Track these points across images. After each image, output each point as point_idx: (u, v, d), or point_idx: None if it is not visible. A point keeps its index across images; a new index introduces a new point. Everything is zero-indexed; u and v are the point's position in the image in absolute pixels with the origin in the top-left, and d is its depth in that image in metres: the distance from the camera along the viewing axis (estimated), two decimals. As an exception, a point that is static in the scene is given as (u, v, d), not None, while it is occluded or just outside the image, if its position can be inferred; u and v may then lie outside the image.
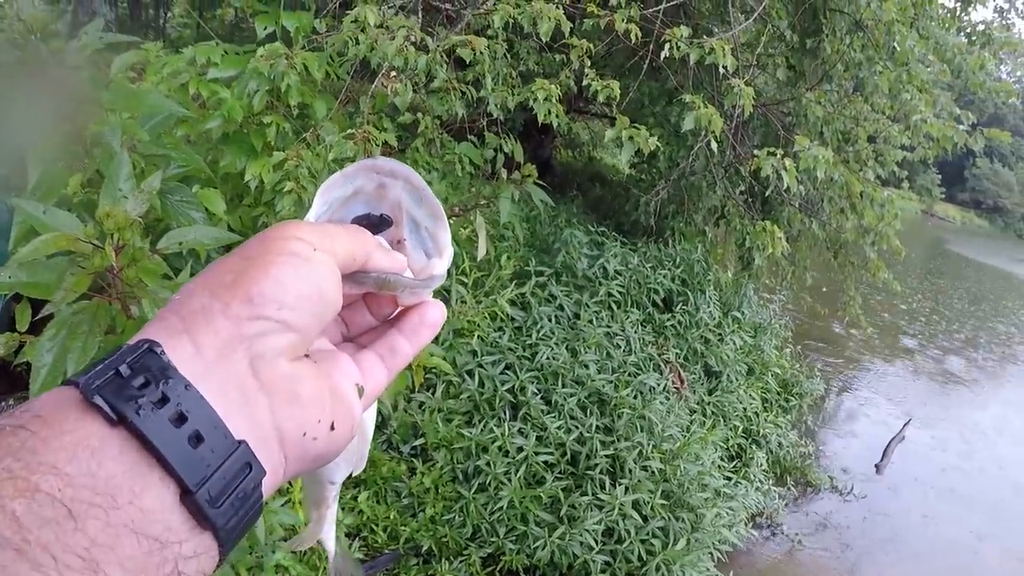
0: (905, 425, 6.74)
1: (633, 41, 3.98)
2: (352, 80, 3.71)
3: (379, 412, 3.25)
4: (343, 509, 3.07)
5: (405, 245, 0.49)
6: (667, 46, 3.95)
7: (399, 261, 0.47)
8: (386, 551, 3.17)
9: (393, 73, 3.43)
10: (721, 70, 3.97)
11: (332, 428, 0.40)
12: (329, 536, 0.64)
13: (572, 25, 3.81)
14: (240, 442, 0.36)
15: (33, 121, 2.44)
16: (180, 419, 0.34)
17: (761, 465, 4.62)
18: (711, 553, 3.62)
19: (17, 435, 0.32)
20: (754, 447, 4.65)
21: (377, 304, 0.49)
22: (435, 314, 0.49)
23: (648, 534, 3.34)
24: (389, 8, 3.50)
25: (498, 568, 3.24)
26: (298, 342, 0.39)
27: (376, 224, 0.48)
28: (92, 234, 1.96)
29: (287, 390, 0.38)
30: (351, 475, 0.58)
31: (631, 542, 3.28)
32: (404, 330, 0.48)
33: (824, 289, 8.50)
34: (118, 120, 2.51)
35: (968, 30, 5.66)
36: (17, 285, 2.01)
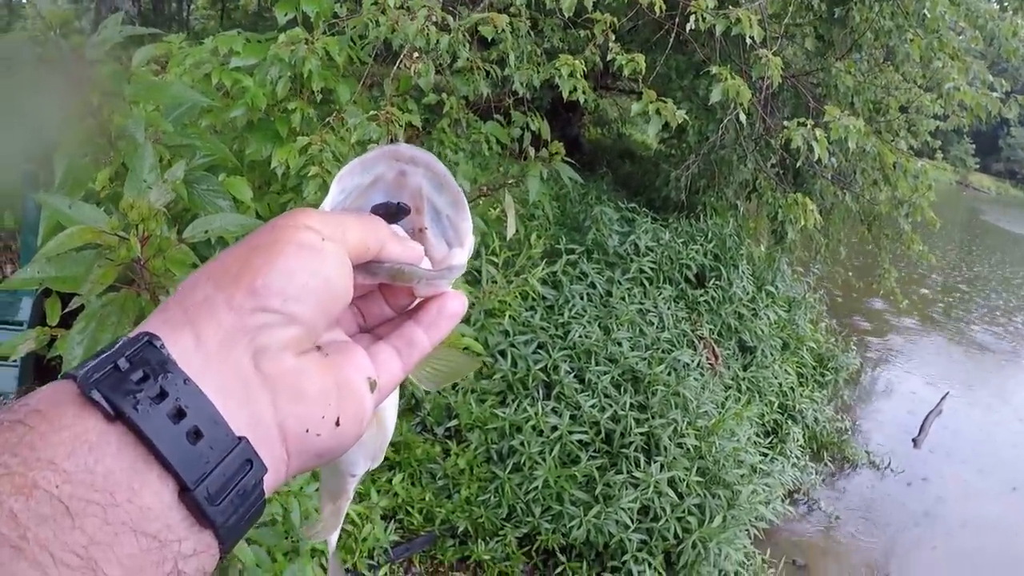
0: (943, 398, 6.62)
1: (658, 14, 3.92)
2: (375, 63, 3.69)
3: (412, 395, 3.26)
4: (379, 492, 3.09)
5: (426, 234, 0.47)
6: (692, 18, 3.88)
7: (414, 251, 0.45)
8: (422, 533, 3.19)
9: (416, 54, 3.41)
10: (748, 41, 3.90)
11: (337, 424, 0.38)
12: (334, 534, 0.63)
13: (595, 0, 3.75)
14: (240, 438, 0.35)
15: (57, 117, 2.46)
16: (179, 414, 0.33)
17: (797, 440, 4.57)
18: (747, 530, 3.60)
19: (15, 430, 0.31)
20: (790, 422, 4.61)
21: (394, 295, 0.47)
22: (455, 305, 0.47)
23: (684, 511, 3.32)
24: (410, -13, 3.46)
25: (534, 548, 3.24)
26: (304, 335, 0.38)
27: (394, 213, 0.46)
28: (117, 226, 1.97)
29: (291, 385, 0.36)
30: (371, 468, 0.57)
31: (667, 520, 3.26)
32: (422, 322, 0.46)
33: (858, 262, 8.37)
34: (141, 112, 2.52)
35: (1001, -6, 5.49)
36: (46, 279, 2.04)
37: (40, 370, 2.93)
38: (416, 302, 0.47)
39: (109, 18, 2.50)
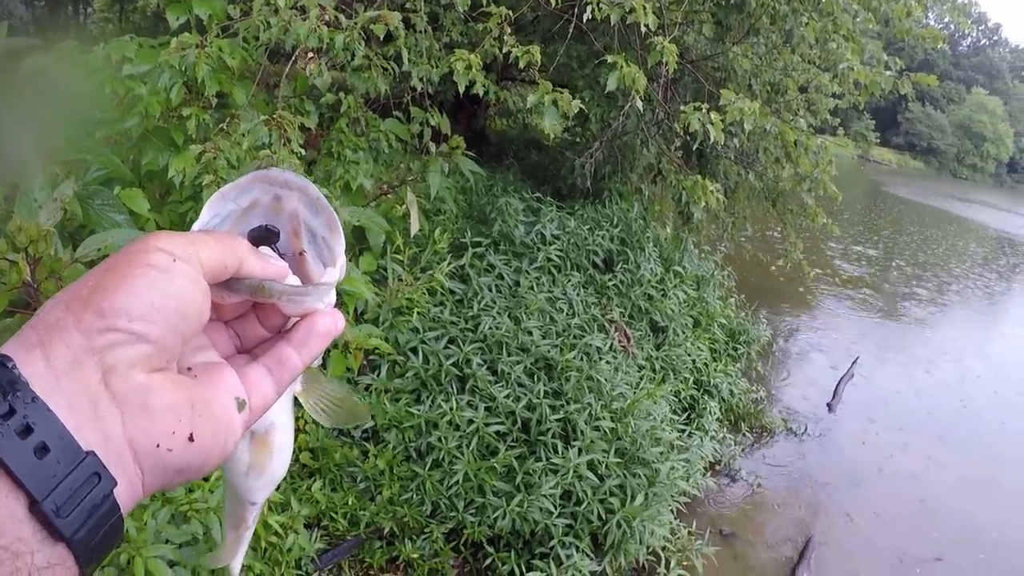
0: (853, 363, 6.95)
1: (555, 4, 3.96)
2: (271, 64, 3.61)
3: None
4: (300, 500, 3.04)
5: (305, 257, 0.48)
6: (589, 8, 3.94)
7: (276, 268, 0.46)
8: (348, 538, 3.15)
9: (310, 54, 3.35)
10: (643, 29, 3.97)
11: (191, 440, 0.39)
12: (238, 560, 0.63)
13: (489, -8, 3.77)
14: (88, 453, 0.35)
15: None
16: (26, 431, 0.34)
17: (714, 414, 4.71)
18: (671, 506, 3.68)
19: None
20: (706, 397, 4.74)
21: (267, 315, 0.48)
22: (326, 324, 0.48)
23: (605, 493, 3.38)
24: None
25: (461, 542, 3.25)
26: (153, 353, 0.38)
27: (266, 236, 0.47)
28: (5, 249, 1.88)
29: (138, 402, 0.37)
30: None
31: (589, 503, 3.31)
32: (293, 341, 0.47)
33: (765, 237, 8.66)
34: (31, 128, 2.40)
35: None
36: None
37: None
38: (292, 323, 0.48)
39: None
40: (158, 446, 0.38)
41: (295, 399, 0.54)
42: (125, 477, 0.37)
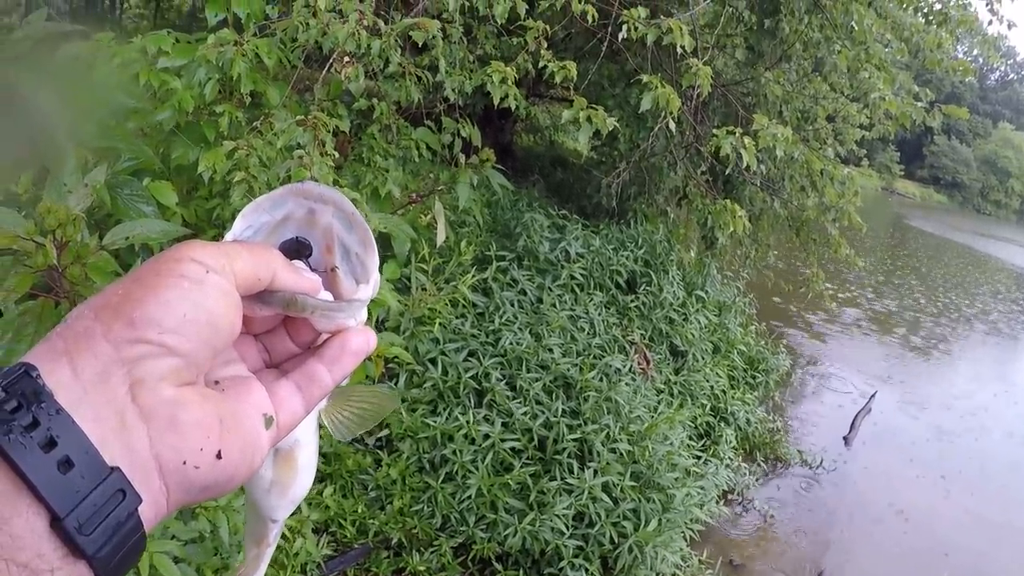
0: (871, 398, 6.86)
1: (590, 22, 3.96)
2: (306, 67, 3.63)
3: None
4: (310, 505, 3.02)
5: (338, 273, 0.47)
6: (624, 27, 3.94)
7: (309, 282, 0.45)
8: (356, 546, 3.13)
9: (346, 58, 3.37)
10: (679, 50, 3.97)
11: (219, 457, 0.38)
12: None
13: (528, 7, 3.77)
14: (113, 468, 0.34)
15: None
16: (50, 444, 0.33)
17: (730, 442, 4.65)
18: (683, 532, 3.63)
19: None
20: (722, 425, 4.69)
21: (297, 331, 0.47)
22: (358, 342, 0.47)
23: (619, 516, 3.34)
24: (342, -9, 3.42)
25: (470, 557, 3.21)
26: (183, 367, 0.37)
27: (298, 249, 0.46)
28: (34, 231, 1.88)
29: (166, 416, 0.36)
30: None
31: (602, 525, 3.27)
32: (324, 358, 0.46)
33: (788, 266, 8.60)
34: (65, 113, 2.42)
35: (925, 9, 5.72)
36: None
37: None
38: (322, 339, 0.47)
39: (33, 13, 2.39)
40: (185, 463, 0.37)
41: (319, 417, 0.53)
42: (150, 494, 0.36)
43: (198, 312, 0.38)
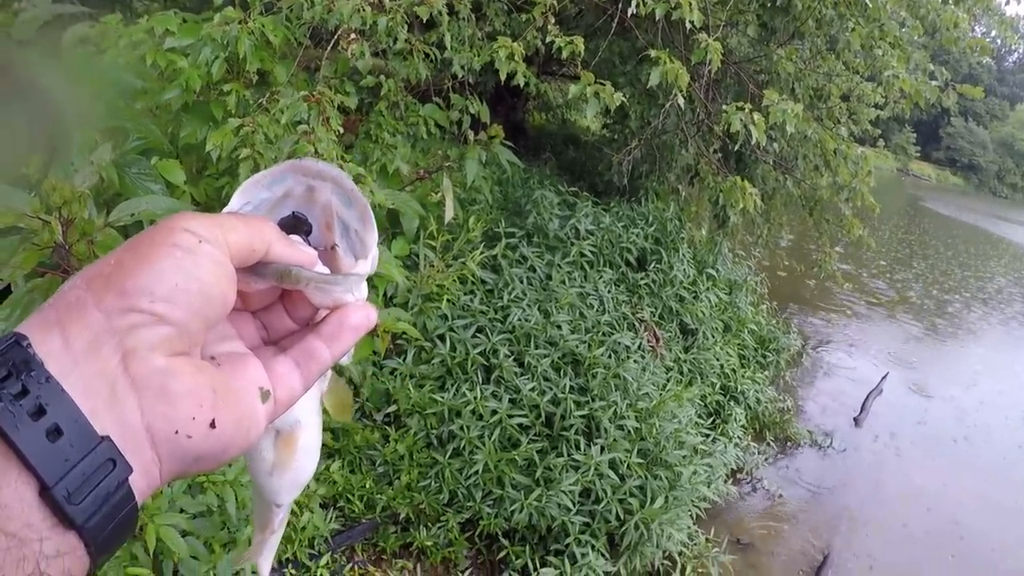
0: (883, 379, 6.82)
1: (600, -1, 3.92)
2: (313, 45, 3.61)
3: (350, 380, 3.22)
4: (317, 480, 3.04)
5: (337, 250, 0.47)
6: (634, 3, 3.90)
7: (304, 254, 0.44)
8: (363, 520, 3.15)
9: (352, 35, 3.35)
10: (688, 26, 3.93)
11: (213, 426, 0.37)
12: (266, 561, 0.61)
13: (536, -18, 3.73)
14: (103, 438, 0.34)
15: None
16: (39, 412, 0.32)
17: (739, 421, 4.64)
18: (690, 511, 3.64)
19: None
20: (732, 404, 4.67)
21: (295, 306, 0.47)
22: (357, 317, 0.46)
23: (625, 493, 3.34)
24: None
25: (477, 532, 3.23)
26: (175, 336, 0.37)
27: (295, 225, 0.46)
28: (40, 209, 1.88)
29: (158, 385, 0.36)
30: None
31: (608, 502, 3.28)
32: (323, 334, 0.45)
33: (800, 246, 8.53)
34: (71, 94, 2.42)
35: (941, -13, 5.62)
36: None
37: None
38: (321, 315, 0.47)
39: None
40: (177, 432, 0.36)
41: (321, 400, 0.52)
42: (141, 464, 0.35)
43: (190, 281, 0.37)
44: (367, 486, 3.16)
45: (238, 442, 0.39)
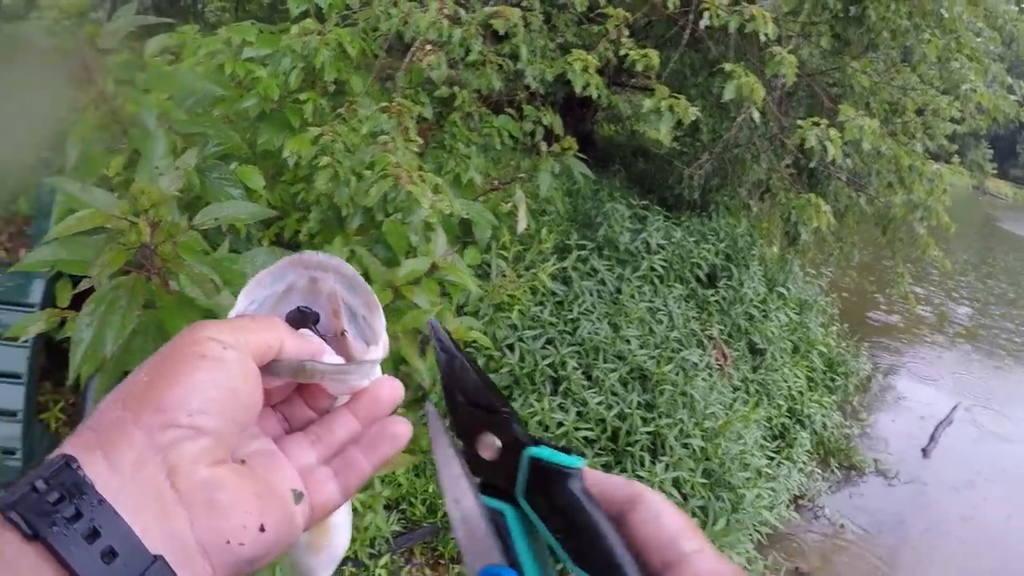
0: (953, 409, 6.54)
1: (671, 10, 3.90)
2: (387, 56, 3.67)
3: (419, 386, 3.25)
4: (383, 482, 3.08)
5: (347, 336, 0.48)
6: (707, 14, 3.87)
7: (313, 345, 0.45)
8: (424, 524, 3.18)
9: (428, 47, 3.40)
10: (762, 38, 3.88)
11: (262, 530, 0.38)
12: None
13: (607, -5, 3.74)
14: (156, 557, 0.34)
15: (71, 104, 2.46)
16: (93, 535, 0.33)
17: (804, 446, 4.52)
18: (751, 534, 3.56)
19: None
20: (798, 427, 4.56)
21: (313, 398, 0.47)
22: (387, 391, 0.47)
23: (688, 513, 3.29)
24: (423, -19, 3.45)
25: (537, 544, 3.22)
26: (215, 445, 0.38)
27: (301, 319, 0.47)
28: (128, 211, 1.96)
29: (205, 499, 0.37)
30: None
31: (671, 520, 3.23)
32: (362, 444, 0.46)
33: (872, 266, 8.28)
34: (154, 100, 2.52)
35: (1020, -2, 5.43)
36: (56, 262, 2.03)
37: (51, 352, 2.93)
38: (341, 401, 0.47)
39: (122, 8, 2.50)
40: (228, 542, 0.37)
41: None
42: None
43: (222, 390, 0.39)
44: (430, 491, 3.18)
45: (284, 540, 0.40)
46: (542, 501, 0.41)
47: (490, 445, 0.43)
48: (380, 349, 0.48)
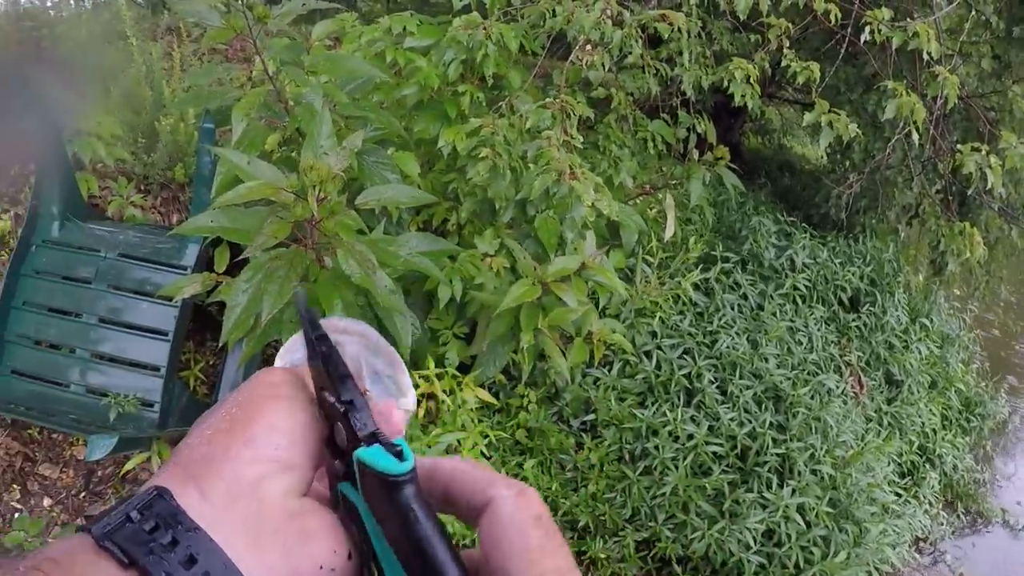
0: (1094, 463, 6.07)
1: (832, 23, 3.77)
2: (544, 56, 3.71)
3: (553, 384, 3.29)
4: (508, 474, 3.13)
5: (368, 395, 0.50)
6: (867, 28, 3.73)
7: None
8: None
9: (589, 46, 3.41)
10: (925, 56, 3.71)
11: (349, 557, 0.40)
12: None
13: (770, 3, 3.65)
14: None
15: (237, 80, 2.61)
16: (190, 561, 0.34)
17: (933, 486, 4.30)
18: (870, 571, 3.43)
19: None
20: (927, 466, 4.34)
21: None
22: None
23: (809, 541, 3.21)
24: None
25: (651, 554, 3.21)
26: (299, 478, 0.40)
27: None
28: (295, 185, 2.07)
29: (297, 529, 0.38)
30: None
31: (791, 547, 3.16)
32: None
33: (1019, 304, 7.72)
34: (319, 82, 2.63)
35: None
36: (219, 229, 2.15)
37: (197, 313, 3.07)
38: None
39: None
40: (321, 568, 0.38)
41: None
42: None
43: (300, 426, 0.41)
44: (553, 488, 3.21)
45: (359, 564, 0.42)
46: (376, 505, 0.40)
47: (342, 437, 0.43)
48: (410, 399, 0.51)
